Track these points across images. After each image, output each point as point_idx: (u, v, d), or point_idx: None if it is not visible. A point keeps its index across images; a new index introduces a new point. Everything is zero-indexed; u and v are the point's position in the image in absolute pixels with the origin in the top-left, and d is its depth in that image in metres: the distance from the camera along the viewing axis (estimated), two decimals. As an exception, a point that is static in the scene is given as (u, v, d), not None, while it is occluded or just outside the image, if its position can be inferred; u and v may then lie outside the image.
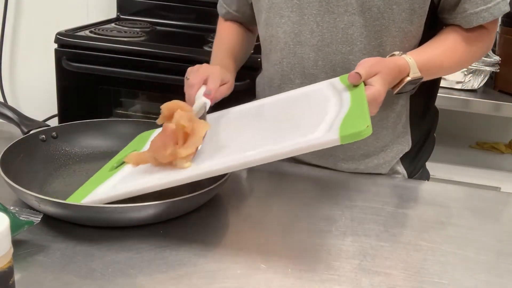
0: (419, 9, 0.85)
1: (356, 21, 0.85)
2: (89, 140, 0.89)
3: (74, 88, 1.60)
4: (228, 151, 0.72)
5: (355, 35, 0.86)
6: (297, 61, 0.90)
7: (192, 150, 0.70)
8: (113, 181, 0.74)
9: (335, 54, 0.88)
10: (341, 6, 0.85)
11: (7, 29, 2.09)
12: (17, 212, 0.64)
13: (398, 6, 0.83)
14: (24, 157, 0.80)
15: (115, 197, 0.69)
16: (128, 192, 0.69)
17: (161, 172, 0.71)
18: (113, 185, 0.72)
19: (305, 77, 0.90)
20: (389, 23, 0.85)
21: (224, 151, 0.72)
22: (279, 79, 0.94)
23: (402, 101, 0.93)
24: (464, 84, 1.66)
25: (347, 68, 0.87)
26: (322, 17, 0.86)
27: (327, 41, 0.87)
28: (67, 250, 0.64)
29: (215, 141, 0.76)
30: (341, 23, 0.86)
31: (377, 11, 0.83)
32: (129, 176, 0.74)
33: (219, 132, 0.79)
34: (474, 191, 0.94)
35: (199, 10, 1.90)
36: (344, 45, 0.87)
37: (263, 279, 0.62)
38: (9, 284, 0.47)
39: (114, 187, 0.72)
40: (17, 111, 0.88)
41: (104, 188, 0.72)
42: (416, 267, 0.67)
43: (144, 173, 0.73)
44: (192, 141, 0.71)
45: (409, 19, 0.85)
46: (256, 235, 0.72)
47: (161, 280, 0.60)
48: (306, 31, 0.88)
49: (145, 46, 1.54)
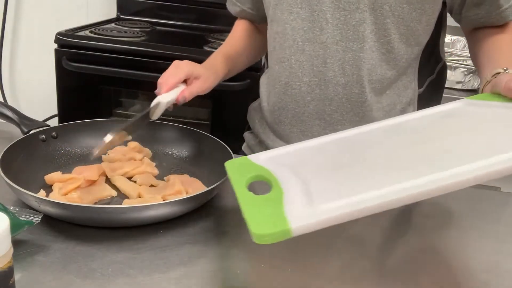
0: (429, 9, 0.85)
1: (367, 18, 0.84)
2: (89, 140, 0.89)
3: (74, 88, 1.60)
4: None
5: (366, 32, 0.85)
6: (306, 59, 0.90)
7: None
8: (300, 198, 0.58)
9: (345, 52, 0.87)
10: (352, 3, 0.84)
11: (7, 29, 2.09)
12: (17, 212, 0.64)
13: (409, 5, 0.83)
14: (24, 157, 0.80)
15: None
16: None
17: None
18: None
19: (314, 75, 0.90)
20: (399, 21, 0.85)
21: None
22: (286, 77, 0.93)
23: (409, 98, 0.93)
24: (464, 84, 1.66)
25: (357, 66, 0.87)
26: (332, 14, 0.86)
27: (337, 38, 0.87)
28: (67, 250, 0.64)
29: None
30: (352, 20, 0.85)
31: (388, 9, 0.83)
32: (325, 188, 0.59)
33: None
34: (474, 191, 0.94)
35: (199, 10, 1.90)
36: (355, 42, 0.86)
37: (263, 279, 0.62)
38: (9, 284, 0.47)
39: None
40: (17, 111, 0.88)
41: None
42: (416, 267, 0.67)
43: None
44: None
45: (418, 19, 0.85)
46: (256, 235, 0.72)
47: (161, 280, 0.60)
48: (316, 28, 0.87)
49: (145, 46, 1.53)
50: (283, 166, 0.66)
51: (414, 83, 0.94)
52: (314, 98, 0.91)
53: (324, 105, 0.91)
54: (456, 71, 1.66)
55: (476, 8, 0.88)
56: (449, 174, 0.54)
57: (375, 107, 0.90)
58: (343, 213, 0.53)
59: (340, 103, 0.90)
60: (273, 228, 0.52)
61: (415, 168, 0.57)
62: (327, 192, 0.57)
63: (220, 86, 1.49)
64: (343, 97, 0.89)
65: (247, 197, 0.60)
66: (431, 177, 0.54)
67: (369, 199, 0.53)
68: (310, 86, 0.90)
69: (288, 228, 0.51)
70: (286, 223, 0.52)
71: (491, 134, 0.62)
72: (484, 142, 0.60)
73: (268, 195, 0.59)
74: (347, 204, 0.53)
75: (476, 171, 0.54)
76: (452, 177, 0.54)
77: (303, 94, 0.91)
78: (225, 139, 0.87)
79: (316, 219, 0.53)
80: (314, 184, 0.59)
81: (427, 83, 0.98)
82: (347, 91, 0.89)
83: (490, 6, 0.87)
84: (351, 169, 0.62)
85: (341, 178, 0.60)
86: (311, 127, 0.93)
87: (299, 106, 0.92)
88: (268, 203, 0.57)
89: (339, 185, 0.58)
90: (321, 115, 0.92)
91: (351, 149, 0.68)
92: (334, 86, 0.89)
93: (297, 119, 0.94)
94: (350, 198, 0.54)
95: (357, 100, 0.89)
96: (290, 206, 0.55)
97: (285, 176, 0.63)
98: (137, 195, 0.76)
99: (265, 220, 0.54)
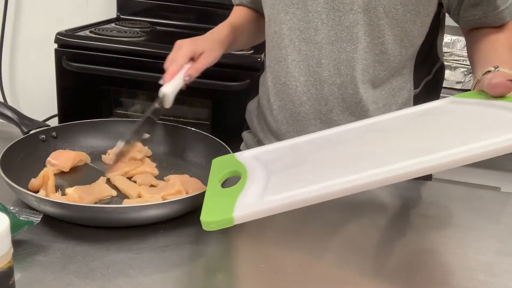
0: (423, 10, 0.85)
1: (360, 20, 0.85)
2: (89, 140, 0.89)
3: (74, 88, 1.60)
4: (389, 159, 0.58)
5: (360, 33, 0.86)
6: (302, 59, 0.90)
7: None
8: (256, 191, 0.62)
9: (339, 52, 0.87)
10: (346, 4, 0.84)
11: (7, 29, 2.09)
12: (17, 212, 0.64)
13: (403, 7, 0.83)
14: (24, 157, 0.80)
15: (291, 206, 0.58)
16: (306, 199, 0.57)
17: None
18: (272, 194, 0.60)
19: (310, 75, 0.90)
20: (393, 22, 0.85)
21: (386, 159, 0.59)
22: (284, 76, 0.93)
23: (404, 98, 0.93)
24: (464, 84, 1.66)
25: (351, 67, 0.87)
26: (327, 15, 0.86)
27: (332, 39, 0.87)
28: (67, 250, 0.64)
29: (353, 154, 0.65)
30: (346, 21, 0.85)
31: (382, 10, 0.83)
32: (276, 184, 0.62)
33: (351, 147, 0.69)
34: (474, 191, 0.94)
35: (199, 10, 1.90)
36: (348, 43, 0.87)
37: (263, 279, 0.62)
38: (9, 284, 0.47)
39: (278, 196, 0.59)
40: (17, 111, 0.88)
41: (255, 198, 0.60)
42: (416, 267, 0.67)
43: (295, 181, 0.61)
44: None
45: (413, 20, 0.85)
46: (256, 235, 0.72)
47: (161, 280, 0.60)
48: (311, 28, 0.88)
49: (145, 46, 1.54)
50: (260, 162, 0.71)
51: (410, 83, 0.94)
52: (310, 97, 0.91)
53: (320, 105, 0.91)
54: (456, 71, 1.66)
55: (473, 9, 0.88)
56: (383, 170, 0.56)
57: (371, 107, 0.90)
58: (282, 204, 0.57)
59: (336, 103, 0.90)
60: (218, 216, 0.58)
61: (359, 164, 0.60)
62: (279, 185, 0.62)
63: (220, 86, 1.51)
64: (339, 97, 0.90)
65: (213, 189, 0.66)
66: (366, 173, 0.56)
67: (305, 192, 0.57)
68: (306, 85, 0.91)
69: (231, 217, 0.57)
70: (231, 212, 0.57)
71: (455, 131, 0.63)
72: (442, 138, 0.61)
73: (230, 188, 0.64)
74: (288, 196, 0.57)
75: (406, 168, 0.55)
76: (383, 173, 0.55)
77: (299, 93, 0.92)
78: (224, 139, 0.87)
79: (257, 208, 0.57)
80: (273, 179, 0.64)
81: (423, 83, 0.98)
82: (342, 91, 0.89)
83: (487, 7, 0.87)
84: (308, 166, 0.66)
85: (296, 173, 0.64)
86: (307, 127, 0.93)
87: (295, 105, 0.93)
88: (226, 195, 0.63)
89: (290, 180, 0.62)
90: (317, 115, 0.92)
91: (319, 148, 0.72)
92: (329, 86, 0.89)
93: (294, 118, 0.94)
94: (290, 192, 0.58)
95: (352, 101, 0.89)
96: (242, 198, 0.60)
97: (255, 172, 0.67)
98: (137, 195, 0.76)
99: (215, 209, 0.60)
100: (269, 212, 0.57)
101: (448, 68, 1.64)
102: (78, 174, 0.83)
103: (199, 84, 1.25)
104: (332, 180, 0.57)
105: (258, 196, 0.60)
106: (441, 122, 0.68)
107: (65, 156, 0.83)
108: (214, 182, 0.68)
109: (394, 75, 0.90)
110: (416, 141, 0.62)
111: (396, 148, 0.62)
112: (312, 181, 0.59)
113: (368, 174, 0.56)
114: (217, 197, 0.63)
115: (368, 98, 0.89)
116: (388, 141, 0.66)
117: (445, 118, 0.69)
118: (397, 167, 0.55)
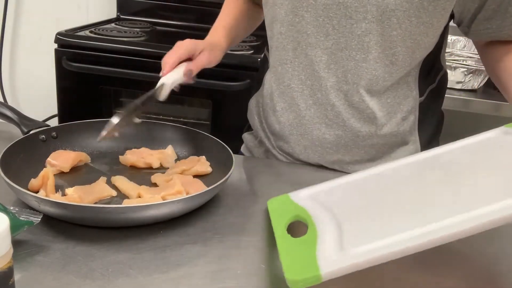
0: (436, 23, 0.84)
1: (373, 29, 0.83)
2: (89, 140, 0.89)
3: (74, 88, 1.60)
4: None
5: (371, 43, 0.84)
6: (308, 63, 0.89)
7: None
8: (333, 243, 0.59)
9: (348, 60, 0.86)
10: (360, 12, 0.83)
11: (7, 29, 2.09)
12: (17, 212, 0.64)
13: (417, 19, 0.82)
14: (24, 157, 0.80)
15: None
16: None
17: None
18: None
19: (315, 80, 0.89)
20: (405, 34, 0.83)
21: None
22: (288, 79, 0.92)
23: (410, 106, 0.93)
24: (464, 84, 1.66)
25: (358, 75, 0.86)
26: (338, 21, 0.84)
27: (342, 46, 0.86)
28: (67, 250, 0.64)
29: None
30: (358, 30, 0.84)
31: (396, 22, 0.82)
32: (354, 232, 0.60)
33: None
34: None
35: (199, 10, 1.90)
36: (358, 52, 0.85)
37: (263, 279, 0.62)
38: (9, 284, 0.47)
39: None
40: (17, 111, 0.88)
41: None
42: (416, 267, 0.67)
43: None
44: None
45: (425, 32, 0.84)
46: (256, 235, 0.72)
47: (161, 280, 0.60)
48: (321, 33, 0.86)
49: (145, 46, 1.54)
50: (320, 204, 0.70)
51: (415, 91, 0.93)
52: (316, 102, 0.90)
53: (325, 110, 0.90)
54: (456, 71, 1.66)
55: (487, 22, 0.86)
56: (479, 214, 0.53)
57: (378, 115, 0.90)
58: (371, 258, 0.54)
59: (342, 109, 0.89)
60: (304, 274, 0.55)
61: (447, 207, 0.57)
62: (357, 234, 0.59)
63: (220, 86, 1.51)
64: (345, 103, 0.89)
65: (283, 238, 0.64)
66: (462, 217, 0.54)
67: (396, 242, 0.54)
68: (312, 90, 0.90)
69: (318, 274, 0.54)
70: (317, 269, 0.55)
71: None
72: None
73: (303, 238, 0.63)
74: (374, 248, 0.55)
75: (501, 211, 0.52)
76: (482, 216, 0.53)
77: (305, 97, 0.91)
78: (225, 139, 0.87)
79: (344, 264, 0.55)
80: (347, 225, 0.62)
81: (428, 91, 0.98)
82: (348, 98, 0.88)
83: (502, 21, 0.85)
84: (382, 208, 0.64)
85: (372, 218, 0.62)
86: (311, 131, 0.92)
87: (300, 109, 0.92)
88: (303, 246, 0.61)
89: (369, 226, 0.60)
90: (322, 120, 0.91)
91: (384, 187, 0.70)
92: (336, 92, 0.89)
93: (298, 122, 0.93)
94: (378, 242, 0.55)
95: (358, 108, 0.89)
96: (322, 251, 0.58)
97: (320, 216, 0.66)
98: (137, 195, 0.76)
99: (297, 265, 0.57)
100: (356, 267, 0.54)
101: (448, 68, 1.63)
102: (78, 174, 0.83)
103: (199, 84, 1.25)
104: (416, 229, 0.55)
105: (337, 248, 0.58)
106: (502, 157, 0.66)
107: (65, 156, 0.83)
108: (280, 229, 0.67)
109: (400, 83, 0.90)
110: (486, 180, 0.61)
111: (471, 189, 0.60)
112: (395, 230, 0.56)
113: (455, 220, 0.54)
114: (293, 249, 0.61)
115: (374, 106, 0.89)
116: (455, 180, 0.64)
117: (505, 152, 0.67)
118: (487, 212, 0.53)
